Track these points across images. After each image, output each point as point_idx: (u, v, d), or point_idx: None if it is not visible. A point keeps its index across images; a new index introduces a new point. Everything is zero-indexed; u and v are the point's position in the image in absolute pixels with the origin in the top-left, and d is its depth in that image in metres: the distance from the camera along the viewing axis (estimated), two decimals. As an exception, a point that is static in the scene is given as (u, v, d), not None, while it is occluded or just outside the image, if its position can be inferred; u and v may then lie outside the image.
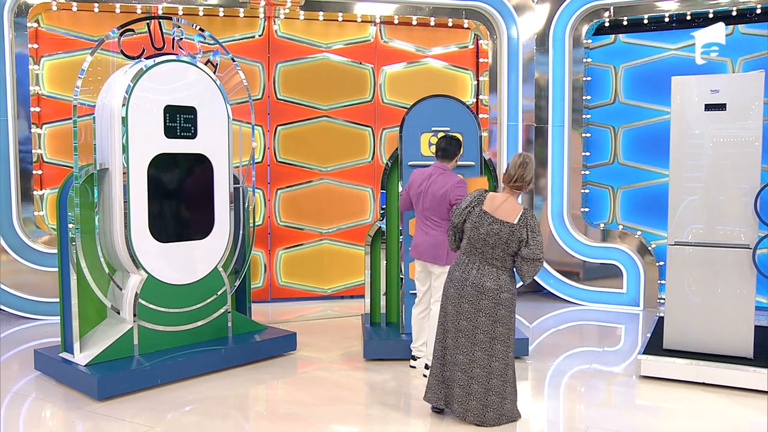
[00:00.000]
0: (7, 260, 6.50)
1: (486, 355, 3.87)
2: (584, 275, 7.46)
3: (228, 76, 5.51)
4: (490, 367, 3.88)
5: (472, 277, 3.89)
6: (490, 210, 3.89)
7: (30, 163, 6.65)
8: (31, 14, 6.59)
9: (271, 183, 7.32)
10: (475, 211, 3.93)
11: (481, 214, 3.90)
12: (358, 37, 7.52)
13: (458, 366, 3.92)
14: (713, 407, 4.29)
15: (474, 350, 3.88)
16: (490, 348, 3.87)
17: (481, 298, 3.86)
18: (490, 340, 3.87)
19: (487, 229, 3.86)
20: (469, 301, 3.89)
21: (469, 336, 3.89)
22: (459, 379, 3.93)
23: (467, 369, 3.90)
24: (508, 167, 3.96)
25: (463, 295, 3.90)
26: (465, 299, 3.90)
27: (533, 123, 7.59)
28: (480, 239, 3.89)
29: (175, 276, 4.95)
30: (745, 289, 4.78)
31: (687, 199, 4.92)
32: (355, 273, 7.43)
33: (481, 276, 3.88)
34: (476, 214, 3.92)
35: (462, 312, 3.91)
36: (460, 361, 3.92)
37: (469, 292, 3.88)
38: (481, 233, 3.88)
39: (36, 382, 4.72)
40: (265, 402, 4.60)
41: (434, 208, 4.67)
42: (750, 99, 4.71)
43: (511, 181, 3.94)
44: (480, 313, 3.87)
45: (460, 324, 3.92)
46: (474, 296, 3.87)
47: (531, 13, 7.56)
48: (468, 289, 3.89)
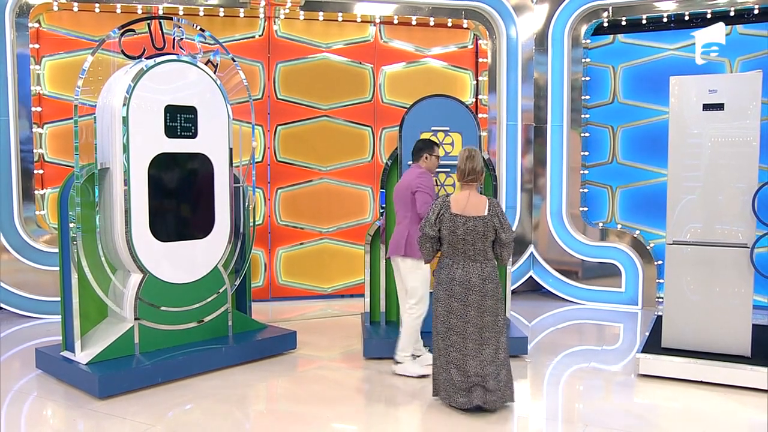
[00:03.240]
0: (9, 259, 6.52)
1: (477, 345, 4.04)
2: (583, 274, 7.48)
3: (228, 76, 5.52)
4: (484, 356, 4.03)
5: (459, 276, 4.03)
6: (460, 211, 4.05)
7: (31, 162, 6.67)
8: (32, 14, 6.61)
9: (271, 182, 7.34)
10: (447, 217, 4.06)
11: (453, 218, 4.05)
12: (358, 37, 7.54)
13: (452, 363, 4.08)
14: (711, 406, 4.31)
15: (466, 344, 4.04)
16: (480, 338, 4.03)
17: (469, 293, 4.01)
18: (479, 331, 4.03)
19: (464, 229, 4.02)
20: (458, 299, 4.03)
21: (460, 332, 4.04)
22: (455, 375, 4.06)
23: (461, 364, 4.05)
24: (458, 165, 4.15)
25: (452, 295, 4.04)
26: (454, 298, 4.03)
27: (532, 123, 7.61)
28: (459, 240, 4.03)
29: (176, 275, 4.97)
30: (742, 288, 4.80)
31: (685, 199, 4.94)
32: (355, 272, 7.45)
33: (466, 273, 4.03)
34: (448, 219, 4.06)
35: (452, 311, 4.06)
36: (454, 359, 4.07)
37: (457, 290, 4.02)
38: (459, 235, 4.03)
39: (37, 381, 4.74)
40: (265, 400, 4.62)
41: (400, 201, 4.85)
42: (748, 99, 4.73)
43: (465, 177, 4.13)
44: (469, 308, 4.02)
45: (450, 323, 4.07)
46: (462, 293, 4.01)
47: (530, 13, 7.57)
48: (456, 288, 4.03)
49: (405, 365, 4.81)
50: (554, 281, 7.61)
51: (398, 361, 4.83)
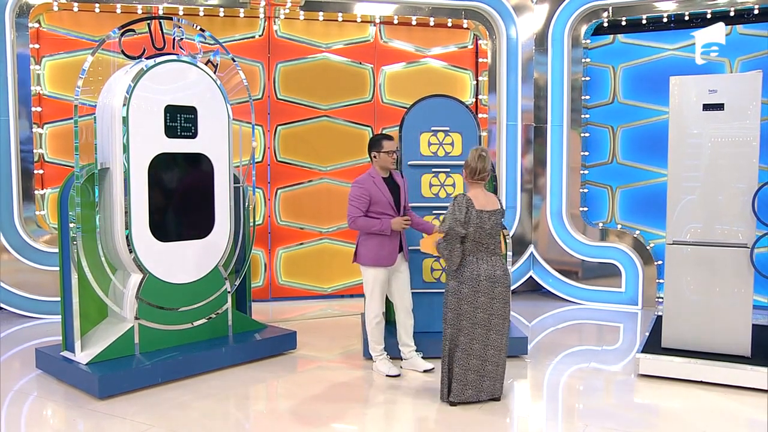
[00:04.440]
0: (9, 259, 6.52)
1: (499, 335, 4.21)
2: (583, 274, 7.48)
3: (228, 76, 5.53)
4: (502, 345, 4.23)
5: (484, 271, 4.15)
6: (482, 207, 4.16)
7: (31, 162, 6.67)
8: (32, 15, 6.61)
9: (271, 182, 7.35)
10: (473, 213, 4.12)
11: (480, 214, 4.14)
12: (358, 37, 7.54)
13: (473, 355, 4.17)
14: (711, 406, 4.31)
15: (489, 335, 4.18)
16: (503, 328, 4.22)
17: (495, 286, 4.16)
18: (503, 321, 4.19)
19: (491, 223, 4.18)
20: (484, 293, 4.14)
21: (484, 324, 4.16)
22: (474, 365, 4.18)
23: (482, 354, 4.17)
24: (469, 163, 4.23)
25: (479, 290, 4.14)
26: (481, 293, 4.14)
27: (532, 123, 7.61)
28: (486, 235, 4.17)
29: (176, 275, 4.97)
30: (742, 288, 4.80)
31: (685, 199, 4.94)
32: (355, 272, 7.40)
33: (491, 267, 4.18)
34: (475, 216, 4.13)
35: (479, 306, 4.15)
36: (476, 350, 4.16)
37: (484, 285, 4.14)
38: (487, 229, 4.17)
39: (37, 381, 4.74)
40: (265, 400, 4.63)
41: None
42: (748, 99, 4.73)
43: (476, 175, 4.22)
44: (495, 300, 4.16)
45: (477, 317, 4.16)
46: (489, 287, 4.15)
47: (530, 13, 7.58)
48: (483, 283, 4.14)
49: (376, 363, 4.91)
50: (554, 281, 7.62)
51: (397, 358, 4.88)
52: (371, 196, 4.69)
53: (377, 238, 4.72)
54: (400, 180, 4.90)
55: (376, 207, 4.71)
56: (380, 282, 4.77)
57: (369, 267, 4.78)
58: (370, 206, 4.71)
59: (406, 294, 4.90)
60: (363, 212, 4.70)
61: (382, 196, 4.71)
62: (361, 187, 4.71)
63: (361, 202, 4.68)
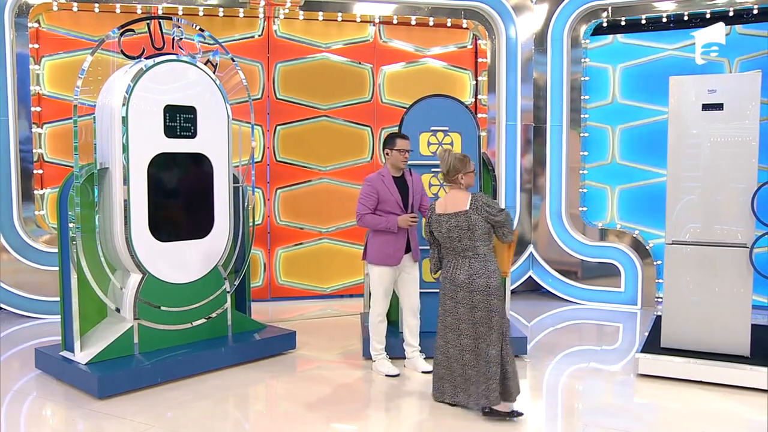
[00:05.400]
0: (8, 259, 6.52)
1: (471, 340, 4.09)
2: (582, 274, 7.48)
3: (228, 76, 5.53)
4: (479, 351, 4.05)
5: (450, 274, 4.18)
6: (442, 210, 4.18)
7: (31, 162, 6.67)
8: (31, 14, 6.61)
9: (270, 182, 7.34)
10: (433, 219, 4.22)
11: (438, 218, 4.19)
12: (358, 37, 7.54)
13: (452, 359, 4.17)
14: (710, 405, 4.31)
15: (461, 340, 4.12)
16: (474, 333, 4.08)
17: (458, 291, 4.12)
18: (472, 327, 4.08)
19: (447, 226, 4.13)
20: (450, 297, 4.17)
21: (454, 329, 4.15)
22: (456, 369, 4.15)
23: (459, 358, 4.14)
24: (441, 166, 4.23)
25: (446, 293, 4.21)
26: (447, 297, 4.20)
27: (531, 123, 7.61)
28: (446, 238, 4.16)
29: (175, 275, 4.97)
30: (742, 288, 4.80)
31: (684, 199, 4.94)
32: (355, 272, 7.45)
33: (455, 271, 4.15)
34: (435, 220, 4.21)
35: (447, 310, 4.19)
36: (453, 354, 4.18)
37: (448, 288, 4.19)
38: (443, 233, 4.16)
39: (37, 381, 4.74)
40: (264, 400, 4.63)
41: None
42: (747, 99, 4.73)
43: (444, 177, 4.23)
44: (458, 305, 4.12)
45: (447, 321, 4.19)
46: (452, 291, 4.15)
47: (529, 13, 7.58)
48: (448, 286, 4.19)
49: (375, 363, 4.93)
50: (554, 281, 7.62)
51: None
52: (379, 194, 4.73)
53: (383, 237, 4.75)
54: (410, 179, 4.91)
55: (384, 206, 4.75)
56: (384, 281, 4.79)
57: (375, 265, 4.81)
58: (378, 204, 4.75)
59: (413, 294, 4.91)
60: (371, 210, 4.74)
61: (390, 195, 4.74)
62: (369, 185, 4.77)
63: (369, 200, 4.73)
